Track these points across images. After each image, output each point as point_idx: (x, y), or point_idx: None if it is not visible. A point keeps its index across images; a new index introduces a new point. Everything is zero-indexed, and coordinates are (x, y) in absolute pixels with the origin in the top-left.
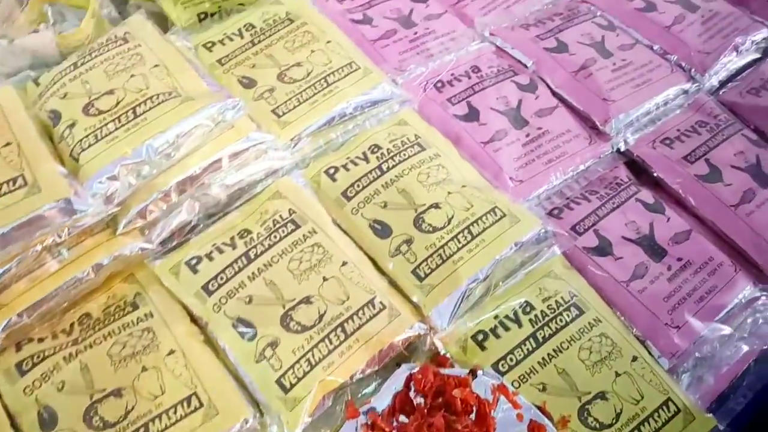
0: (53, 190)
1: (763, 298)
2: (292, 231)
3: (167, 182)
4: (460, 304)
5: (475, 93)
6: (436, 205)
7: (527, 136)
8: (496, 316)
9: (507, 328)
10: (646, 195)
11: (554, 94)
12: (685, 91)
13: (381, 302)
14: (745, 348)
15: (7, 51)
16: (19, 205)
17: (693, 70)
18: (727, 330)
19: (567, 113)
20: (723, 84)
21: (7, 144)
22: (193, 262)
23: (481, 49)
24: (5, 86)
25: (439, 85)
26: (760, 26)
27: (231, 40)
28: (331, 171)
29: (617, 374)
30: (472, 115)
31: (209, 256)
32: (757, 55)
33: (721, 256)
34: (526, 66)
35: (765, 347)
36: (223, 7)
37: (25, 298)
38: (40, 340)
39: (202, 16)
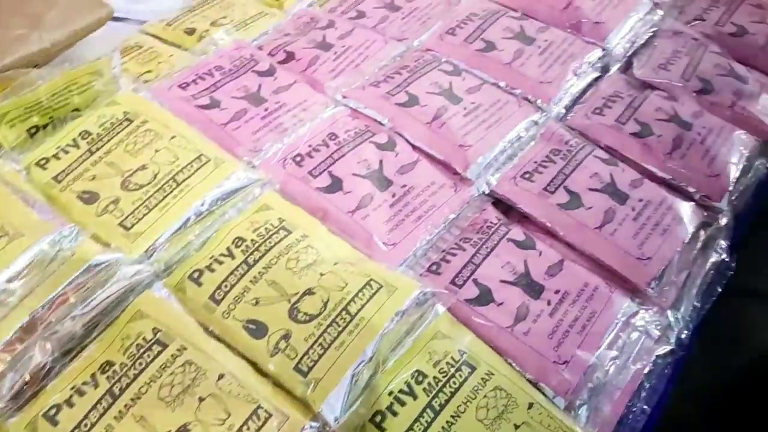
0: None
1: (641, 311)
2: (159, 353)
3: (9, 330)
4: (350, 392)
5: (336, 161)
6: (309, 291)
7: (393, 196)
8: (390, 393)
9: (403, 403)
10: (516, 233)
11: (414, 148)
12: (535, 123)
13: (266, 410)
14: (634, 367)
15: None
16: None
17: (539, 100)
18: (613, 353)
19: (429, 165)
20: (569, 109)
21: None
22: (52, 413)
23: (336, 114)
24: None
25: (298, 159)
26: (592, 47)
27: (66, 152)
28: (196, 275)
29: (516, 427)
30: (336, 185)
31: (69, 402)
32: (596, 74)
33: (596, 280)
34: (382, 124)
35: (652, 361)
36: (55, 117)
37: None
38: None
39: (33, 130)
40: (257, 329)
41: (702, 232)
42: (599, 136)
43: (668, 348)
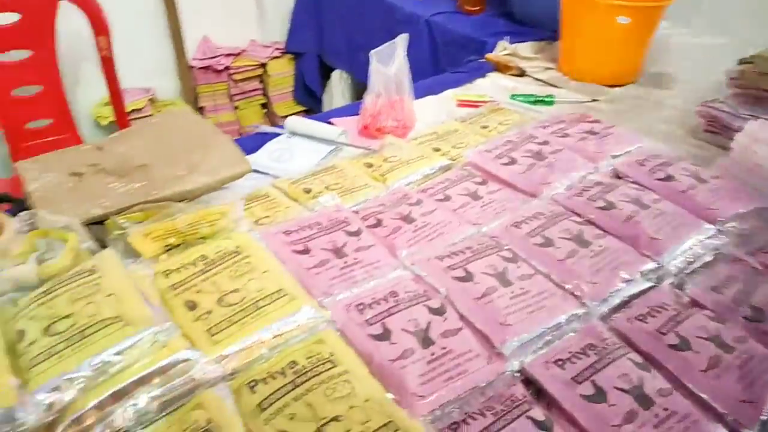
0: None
1: None
2: None
3: (103, 393)
4: None
5: (391, 315)
6: (336, 418)
7: (432, 354)
8: None
9: None
10: (537, 413)
11: (461, 317)
12: (578, 316)
13: None
14: None
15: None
16: None
17: (585, 298)
18: None
19: (471, 335)
20: (614, 310)
21: None
22: None
23: (401, 276)
24: None
25: (360, 307)
26: (646, 259)
27: (186, 269)
28: (252, 384)
29: None
30: (385, 335)
31: None
32: (648, 284)
33: None
34: (439, 292)
35: None
36: (186, 241)
37: None
38: None
39: (168, 247)
40: None
41: None
42: (637, 340)
43: None
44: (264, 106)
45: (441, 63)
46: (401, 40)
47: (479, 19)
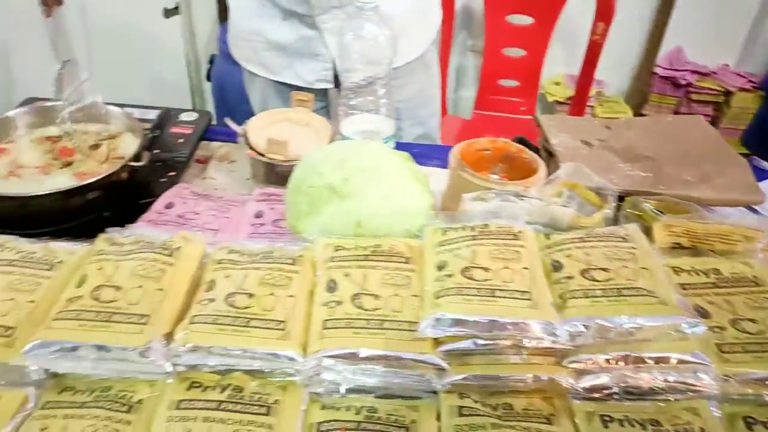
0: (545, 312)
1: None
2: None
3: (617, 351)
4: None
5: None
6: None
7: None
8: None
9: None
10: None
11: None
12: None
13: None
14: None
15: (539, 209)
16: (525, 311)
17: None
18: None
19: None
20: None
21: (526, 268)
22: (606, 418)
23: None
24: (527, 228)
25: None
26: None
27: (697, 274)
28: (750, 421)
29: None
30: None
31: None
32: None
33: None
34: None
35: None
36: (697, 247)
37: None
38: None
39: (676, 245)
40: None
41: None
42: None
43: None
44: None
45: None
46: None
47: None
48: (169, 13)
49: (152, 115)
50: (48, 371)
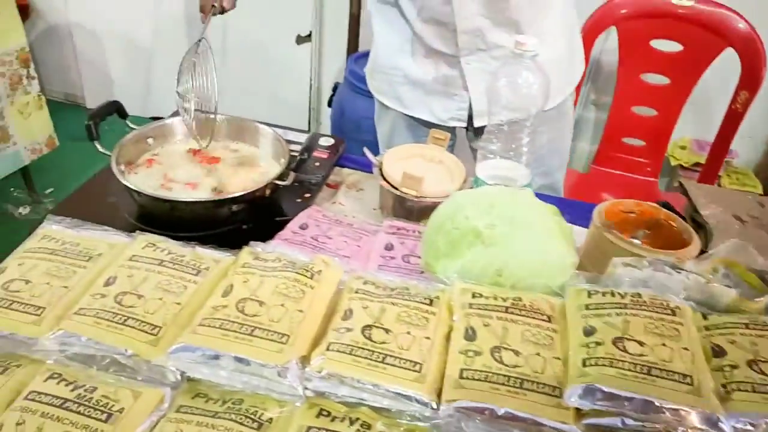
0: (709, 402)
1: None
2: None
3: None
4: None
5: None
6: None
7: None
8: None
9: None
10: None
11: None
12: None
13: None
14: None
15: (695, 284)
16: (686, 396)
17: None
18: None
19: None
20: None
21: (686, 348)
22: None
23: None
24: (685, 304)
25: None
26: None
27: None
28: None
29: None
30: None
31: None
32: None
33: None
34: None
35: None
36: None
37: None
38: None
39: None
40: None
41: None
42: None
43: None
44: None
45: None
46: None
47: None
48: (301, 40)
49: (296, 136)
50: (183, 374)
